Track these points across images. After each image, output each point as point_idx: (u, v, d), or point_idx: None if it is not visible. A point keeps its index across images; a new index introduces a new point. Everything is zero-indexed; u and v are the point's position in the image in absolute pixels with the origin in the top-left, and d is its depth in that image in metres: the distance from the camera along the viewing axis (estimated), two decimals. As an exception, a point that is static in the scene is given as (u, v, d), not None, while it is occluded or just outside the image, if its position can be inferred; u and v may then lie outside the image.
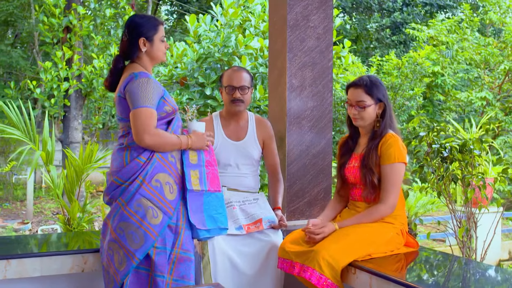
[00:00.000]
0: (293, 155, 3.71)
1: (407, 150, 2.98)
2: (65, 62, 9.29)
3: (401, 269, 2.78)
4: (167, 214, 2.60)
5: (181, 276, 2.64)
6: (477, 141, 3.33)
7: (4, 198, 11.55)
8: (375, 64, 12.91)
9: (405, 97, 11.16)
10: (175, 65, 7.53)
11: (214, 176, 2.84)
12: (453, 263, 2.91)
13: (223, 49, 6.86)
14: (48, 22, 9.25)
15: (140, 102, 2.59)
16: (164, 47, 2.81)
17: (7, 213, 10.66)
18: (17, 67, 13.10)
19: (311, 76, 3.75)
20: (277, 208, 3.30)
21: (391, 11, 17.13)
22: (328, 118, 3.80)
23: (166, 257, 2.60)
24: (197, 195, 2.72)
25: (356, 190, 3.03)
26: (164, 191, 2.62)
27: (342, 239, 2.78)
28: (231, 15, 6.82)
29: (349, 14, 18.89)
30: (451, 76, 12.17)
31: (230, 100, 3.30)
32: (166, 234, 2.62)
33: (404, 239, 2.97)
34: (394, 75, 11.23)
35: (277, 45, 3.80)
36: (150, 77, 2.67)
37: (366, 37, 17.51)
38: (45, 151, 4.56)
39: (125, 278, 2.57)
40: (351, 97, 2.96)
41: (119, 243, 2.58)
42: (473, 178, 3.39)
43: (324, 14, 3.77)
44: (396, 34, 16.62)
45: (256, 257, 3.11)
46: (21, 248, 3.10)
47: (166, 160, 2.65)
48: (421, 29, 12.70)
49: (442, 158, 3.48)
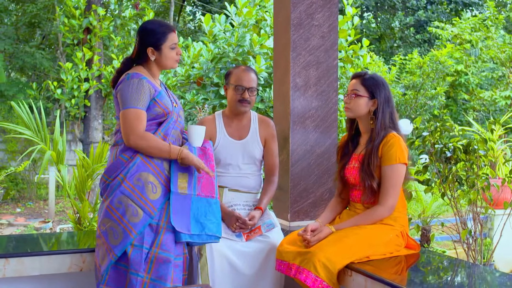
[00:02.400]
0: (297, 155, 3.67)
1: (407, 151, 2.90)
2: (85, 63, 9.39)
3: (400, 272, 2.72)
4: (147, 213, 2.62)
5: (159, 277, 2.61)
6: (481, 141, 3.24)
7: (27, 197, 11.73)
8: (397, 63, 12.76)
9: (427, 96, 11.01)
10: (192, 65, 7.55)
11: (208, 181, 2.82)
12: (453, 267, 2.84)
13: (237, 49, 6.84)
14: (68, 23, 9.36)
15: (129, 102, 2.62)
16: (174, 54, 2.81)
17: (30, 212, 10.83)
18: (41, 68, 13.31)
19: (316, 75, 3.70)
20: (258, 208, 3.24)
21: (415, 10, 16.90)
22: (333, 117, 3.75)
23: (143, 255, 2.60)
24: (183, 198, 2.70)
25: (356, 192, 2.98)
26: (146, 190, 2.63)
27: (339, 241, 2.74)
28: (245, 14, 6.80)
29: (373, 12, 18.71)
30: (475, 74, 11.96)
31: (237, 100, 3.26)
32: (146, 233, 2.62)
33: (404, 241, 2.91)
34: (417, 74, 11.09)
35: (281, 44, 3.76)
36: (143, 78, 2.67)
37: (390, 36, 17.32)
38: (56, 151, 4.61)
39: (106, 274, 2.61)
40: (348, 87, 2.97)
41: (102, 238, 2.65)
42: (478, 179, 3.31)
43: (329, 12, 3.72)
44: (420, 32, 16.39)
45: (255, 257, 3.07)
46: (21, 247, 3.13)
47: (151, 160, 2.67)
48: (445, 28, 12.51)
49: (446, 159, 3.40)
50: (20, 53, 12.99)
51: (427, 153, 3.49)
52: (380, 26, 17.59)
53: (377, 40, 17.58)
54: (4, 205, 11.17)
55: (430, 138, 3.44)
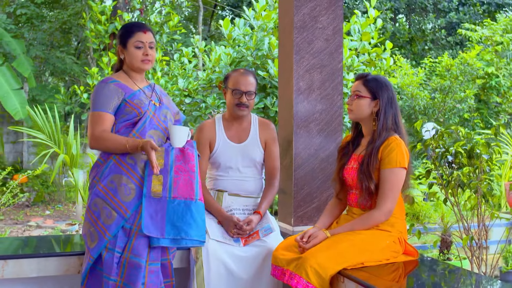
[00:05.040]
0: (301, 159, 3.63)
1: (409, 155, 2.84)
2: (110, 67, 9.52)
3: (396, 279, 2.66)
4: (121, 215, 2.63)
5: (129, 281, 2.59)
6: (484, 145, 3.13)
7: (57, 200, 11.94)
8: (427, 66, 12.55)
9: (456, 100, 10.79)
10: (213, 69, 7.58)
11: (186, 183, 2.73)
12: (451, 276, 2.75)
13: (256, 53, 6.84)
14: (95, 29, 9.52)
15: (94, 106, 2.70)
16: (140, 54, 2.77)
17: (59, 214, 11.02)
18: (71, 73, 13.57)
19: (320, 79, 3.66)
20: (257, 212, 3.21)
21: (447, 11, 16.60)
22: (338, 121, 3.70)
23: (114, 259, 2.60)
24: (157, 201, 2.67)
25: (353, 196, 2.93)
26: (119, 192, 2.64)
27: (332, 247, 2.69)
28: (264, 18, 6.79)
29: (405, 15, 18.47)
30: (506, 77, 11.65)
31: (235, 104, 3.25)
32: (119, 237, 2.63)
33: (402, 248, 2.84)
34: (445, 77, 10.89)
35: (284, 48, 3.74)
36: (111, 81, 2.71)
37: (421, 38, 17.05)
38: (69, 154, 4.67)
39: (85, 277, 2.65)
40: (351, 89, 2.93)
41: (83, 240, 2.70)
42: (481, 183, 3.20)
43: (334, 15, 3.68)
44: (452, 34, 16.09)
45: (252, 262, 3.04)
46: (19, 249, 3.18)
47: (124, 162, 2.68)
48: (475, 29, 12.25)
49: (449, 163, 3.30)
50: (52, 58, 13.27)
51: (429, 157, 3.41)
52: (411, 28, 17.34)
53: (408, 43, 17.34)
54: (35, 208, 11.39)
55: (432, 142, 3.36)
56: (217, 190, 3.32)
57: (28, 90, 12.45)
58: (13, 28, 12.13)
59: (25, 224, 9.72)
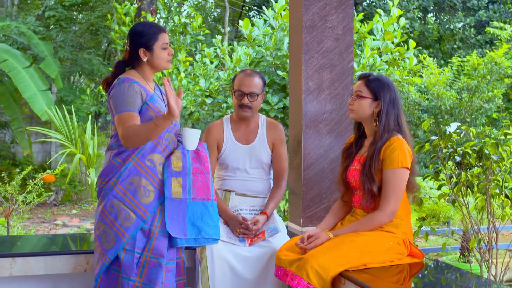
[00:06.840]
0: (310, 159, 3.61)
1: (412, 155, 2.79)
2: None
3: (399, 282, 2.62)
4: (140, 217, 2.63)
5: (149, 281, 2.63)
6: (492, 145, 3.05)
7: (84, 199, 12.13)
8: (455, 65, 12.33)
9: (483, 99, 10.57)
10: (235, 70, 7.60)
11: (203, 184, 2.81)
12: (456, 279, 2.70)
13: (276, 53, 6.82)
14: (119, 30, 9.62)
15: (121, 107, 2.66)
16: (166, 55, 2.83)
17: (85, 213, 11.20)
18: (98, 74, 13.76)
19: (330, 78, 3.63)
20: (263, 212, 3.21)
21: (476, 10, 16.27)
22: (348, 121, 3.66)
23: (134, 260, 2.62)
24: (178, 203, 2.71)
25: (357, 197, 2.90)
26: (138, 194, 2.65)
27: (334, 248, 2.67)
28: (283, 17, 6.77)
29: (434, 14, 18.20)
30: (536, 76, 11.36)
31: (238, 105, 3.27)
32: (138, 237, 2.65)
33: (407, 249, 2.80)
34: (472, 77, 10.68)
35: (294, 48, 3.72)
36: (134, 82, 2.71)
37: (450, 37, 16.77)
38: (86, 154, 4.74)
39: (98, 277, 2.65)
40: (353, 89, 2.91)
41: (97, 242, 2.70)
42: (490, 184, 3.12)
43: (344, 14, 3.64)
44: (481, 33, 15.77)
45: (257, 262, 3.04)
46: (27, 247, 3.24)
47: (143, 164, 2.68)
48: (504, 28, 11.99)
49: (457, 164, 3.24)
50: (80, 60, 13.47)
51: (437, 158, 3.35)
52: (440, 27, 17.07)
53: (437, 42, 17.07)
54: (62, 207, 11.60)
55: (440, 143, 3.29)
56: (225, 190, 3.33)
57: (56, 91, 12.67)
58: (42, 30, 12.34)
59: (51, 223, 9.90)
